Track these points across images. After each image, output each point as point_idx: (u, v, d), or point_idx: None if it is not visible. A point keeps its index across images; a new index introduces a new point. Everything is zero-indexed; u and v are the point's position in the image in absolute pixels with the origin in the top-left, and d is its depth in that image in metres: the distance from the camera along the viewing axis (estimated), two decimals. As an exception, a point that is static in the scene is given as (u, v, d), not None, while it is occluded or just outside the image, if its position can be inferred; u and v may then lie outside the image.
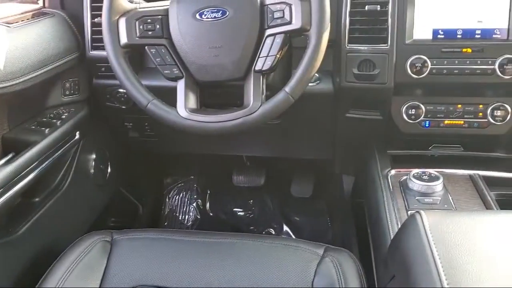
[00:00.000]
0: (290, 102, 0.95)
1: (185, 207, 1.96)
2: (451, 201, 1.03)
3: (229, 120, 0.96)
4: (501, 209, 1.00)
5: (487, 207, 1.01)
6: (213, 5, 0.95)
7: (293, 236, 1.84)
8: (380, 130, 1.27)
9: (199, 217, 1.93)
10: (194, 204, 1.96)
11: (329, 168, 1.66)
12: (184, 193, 1.98)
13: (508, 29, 1.10)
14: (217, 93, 1.14)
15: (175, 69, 0.98)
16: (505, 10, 1.10)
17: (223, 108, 0.99)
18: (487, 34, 1.11)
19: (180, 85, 0.99)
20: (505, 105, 1.14)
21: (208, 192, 1.99)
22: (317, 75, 1.22)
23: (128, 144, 1.61)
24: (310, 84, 1.16)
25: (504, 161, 1.20)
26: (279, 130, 1.43)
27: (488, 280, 0.61)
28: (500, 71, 1.08)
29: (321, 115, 1.37)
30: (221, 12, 0.95)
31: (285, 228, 1.88)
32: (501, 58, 1.08)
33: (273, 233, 1.87)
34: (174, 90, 0.99)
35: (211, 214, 1.95)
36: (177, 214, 1.95)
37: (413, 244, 0.71)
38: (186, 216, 1.94)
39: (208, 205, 1.97)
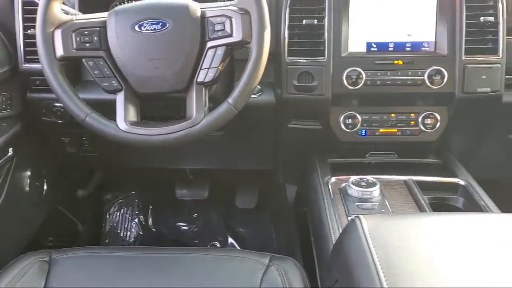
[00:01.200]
0: (233, 113, 0.96)
1: (126, 223, 1.91)
2: (388, 205, 1.07)
3: (171, 133, 0.95)
4: (433, 211, 1.06)
5: (421, 210, 1.06)
6: (152, 17, 0.94)
7: (238, 248, 1.84)
8: (320, 140, 1.31)
9: (141, 233, 1.89)
10: (136, 220, 1.91)
11: (272, 178, 1.68)
12: (125, 209, 1.93)
13: (435, 42, 1.18)
14: (158, 106, 1.13)
15: (114, 82, 0.96)
16: (432, 25, 1.18)
17: (165, 121, 0.99)
18: (416, 47, 1.18)
19: (120, 98, 0.97)
20: (435, 113, 1.22)
21: (150, 207, 1.95)
22: (259, 86, 1.24)
23: (66, 160, 1.55)
24: (252, 96, 1.18)
25: (435, 167, 1.28)
26: (222, 141, 1.44)
27: (424, 278, 0.64)
28: (429, 82, 1.15)
29: (263, 126, 1.39)
30: (160, 24, 0.94)
31: (230, 240, 1.88)
32: (429, 69, 1.15)
33: (218, 245, 1.86)
34: (113, 103, 0.97)
35: (154, 230, 1.91)
36: (119, 231, 1.89)
37: (353, 248, 0.74)
38: (128, 233, 1.89)
39: (150, 220, 1.93)
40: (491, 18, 1.14)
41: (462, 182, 1.17)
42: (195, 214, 1.93)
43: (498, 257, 0.67)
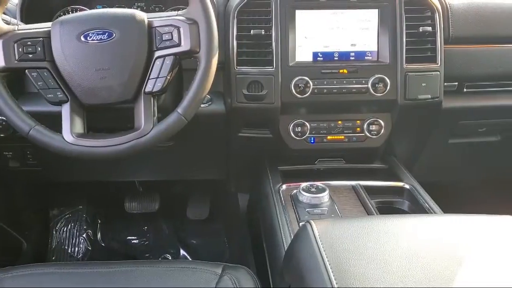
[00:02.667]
0: (183, 123, 0.95)
1: (74, 239, 1.84)
2: (337, 210, 1.10)
3: (120, 144, 0.93)
4: (380, 214, 1.09)
5: (369, 213, 1.10)
6: (98, 27, 0.93)
7: (190, 260, 1.82)
8: (271, 148, 1.32)
9: (90, 248, 1.83)
10: (84, 235, 1.85)
11: (224, 188, 1.68)
12: (72, 224, 1.86)
13: (378, 51, 1.23)
14: (106, 117, 1.11)
15: (59, 93, 0.94)
16: (374, 35, 1.22)
17: (113, 132, 0.97)
18: (360, 56, 1.23)
19: (65, 109, 0.94)
20: (379, 120, 1.26)
21: (99, 221, 1.89)
22: (208, 96, 1.24)
23: (8, 175, 1.48)
24: (202, 105, 1.18)
25: (381, 171, 1.32)
26: (172, 152, 1.42)
27: (374, 279, 0.66)
28: (373, 90, 1.20)
29: (214, 135, 1.39)
30: (107, 34, 0.93)
31: (182, 252, 1.85)
32: (373, 78, 1.19)
33: (170, 258, 1.83)
34: (58, 115, 0.95)
35: (103, 245, 1.86)
36: (66, 247, 1.82)
37: (305, 252, 0.75)
38: (76, 249, 1.82)
39: (99, 235, 1.87)
40: (429, 28, 1.20)
41: (407, 186, 1.21)
42: (146, 227, 1.90)
43: (441, 255, 0.71)
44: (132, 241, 1.86)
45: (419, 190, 1.18)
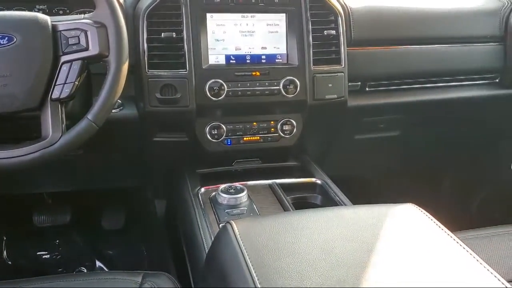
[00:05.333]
0: (94, 130, 0.92)
1: (-26, 260, 1.70)
2: (256, 208, 1.13)
3: (26, 154, 0.88)
4: (296, 209, 1.14)
5: (285, 209, 1.14)
6: None
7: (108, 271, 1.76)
8: (188, 151, 1.32)
9: (-6, 268, 1.69)
10: (-13, 255, 1.71)
11: (140, 195, 1.64)
12: (-28, 244, 1.72)
13: (287, 54, 1.27)
14: (10, 127, 1.04)
15: None
16: (283, 39, 1.27)
17: (18, 142, 0.91)
18: (270, 59, 1.26)
19: (-38, 120, 0.87)
20: (291, 120, 1.31)
21: (4, 238, 1.76)
22: (119, 101, 1.21)
23: None
24: (113, 111, 1.15)
25: (295, 169, 1.37)
26: (84, 160, 1.37)
27: (293, 272, 0.69)
28: (284, 91, 1.24)
29: (128, 141, 1.36)
30: (6, 38, 0.87)
31: (98, 264, 1.78)
32: (284, 80, 1.24)
33: (85, 271, 1.75)
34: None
35: (10, 263, 1.73)
36: (-34, 270, 1.67)
37: (226, 253, 0.76)
38: (-23, 271, 1.68)
39: (5, 253, 1.74)
40: (333, 32, 1.27)
41: (318, 181, 1.27)
42: (57, 241, 1.79)
43: (352, 244, 0.75)
44: (43, 256, 1.75)
45: (330, 185, 1.25)
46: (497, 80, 1.56)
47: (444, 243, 0.78)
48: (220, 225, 1.04)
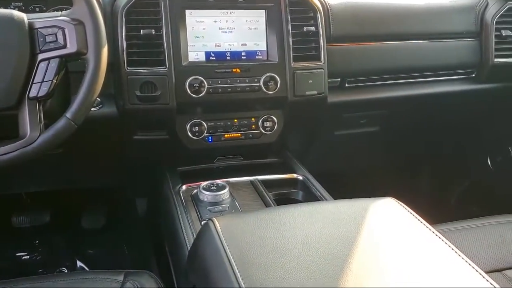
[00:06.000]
0: (73, 129, 0.91)
1: (-49, 263, 1.66)
2: (238, 205, 1.13)
3: (3, 154, 0.87)
4: (277, 205, 1.14)
5: (267, 205, 1.14)
6: None
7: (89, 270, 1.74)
8: (168, 149, 1.31)
9: (-29, 271, 1.66)
10: (-36, 258, 1.68)
11: (121, 194, 1.63)
12: None
13: (267, 51, 1.27)
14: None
15: None
16: (263, 35, 1.27)
17: (-4, 142, 0.89)
18: (251, 55, 1.27)
19: None
20: (272, 116, 1.31)
21: (-19, 240, 1.73)
22: (99, 99, 1.19)
23: None
24: (92, 109, 1.13)
25: (277, 165, 1.38)
26: (63, 160, 1.35)
27: (275, 267, 0.69)
28: (265, 88, 1.24)
29: (108, 140, 1.34)
30: (-19, 36, 0.86)
31: (79, 264, 1.76)
32: (264, 76, 1.24)
33: (66, 271, 1.73)
34: None
35: (-12, 265, 1.70)
36: None
37: (208, 250, 0.76)
38: (-45, 274, 1.64)
39: (-18, 255, 1.71)
40: (313, 28, 1.28)
41: (300, 177, 1.28)
42: (37, 241, 1.77)
43: (333, 238, 0.76)
44: (23, 258, 1.73)
45: (312, 180, 1.26)
46: (473, 75, 1.59)
47: (423, 236, 0.79)
48: (202, 223, 1.04)
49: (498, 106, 1.71)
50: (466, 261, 0.73)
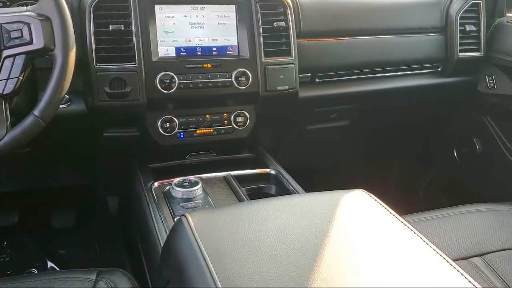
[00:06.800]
0: (41, 126, 0.89)
1: None
2: (211, 201, 1.13)
3: (-32, 153, 0.84)
4: (251, 200, 1.15)
5: (240, 200, 1.15)
6: None
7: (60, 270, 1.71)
8: (140, 146, 1.30)
9: None
10: None
11: (91, 192, 1.60)
12: None
13: (238, 46, 1.27)
14: None
15: None
16: (233, 30, 1.27)
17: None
18: (222, 51, 1.26)
19: None
20: (244, 112, 1.32)
21: None
22: (67, 96, 1.17)
23: None
24: (61, 106, 1.11)
25: (249, 160, 1.38)
26: (31, 158, 1.32)
27: (249, 260, 0.70)
28: (237, 83, 1.24)
29: (77, 138, 1.32)
30: None
31: (50, 264, 1.72)
32: (235, 72, 1.24)
33: (36, 272, 1.69)
34: None
35: (-45, 268, 1.65)
36: None
37: (182, 245, 0.76)
38: None
39: None
40: (283, 23, 1.28)
41: (272, 172, 1.29)
42: (5, 243, 1.73)
43: (305, 230, 0.78)
44: (-10, 259, 1.68)
45: (284, 175, 1.27)
46: (439, 69, 1.63)
47: (393, 226, 0.81)
48: (175, 219, 1.04)
49: (463, 99, 1.76)
50: (434, 250, 0.75)
